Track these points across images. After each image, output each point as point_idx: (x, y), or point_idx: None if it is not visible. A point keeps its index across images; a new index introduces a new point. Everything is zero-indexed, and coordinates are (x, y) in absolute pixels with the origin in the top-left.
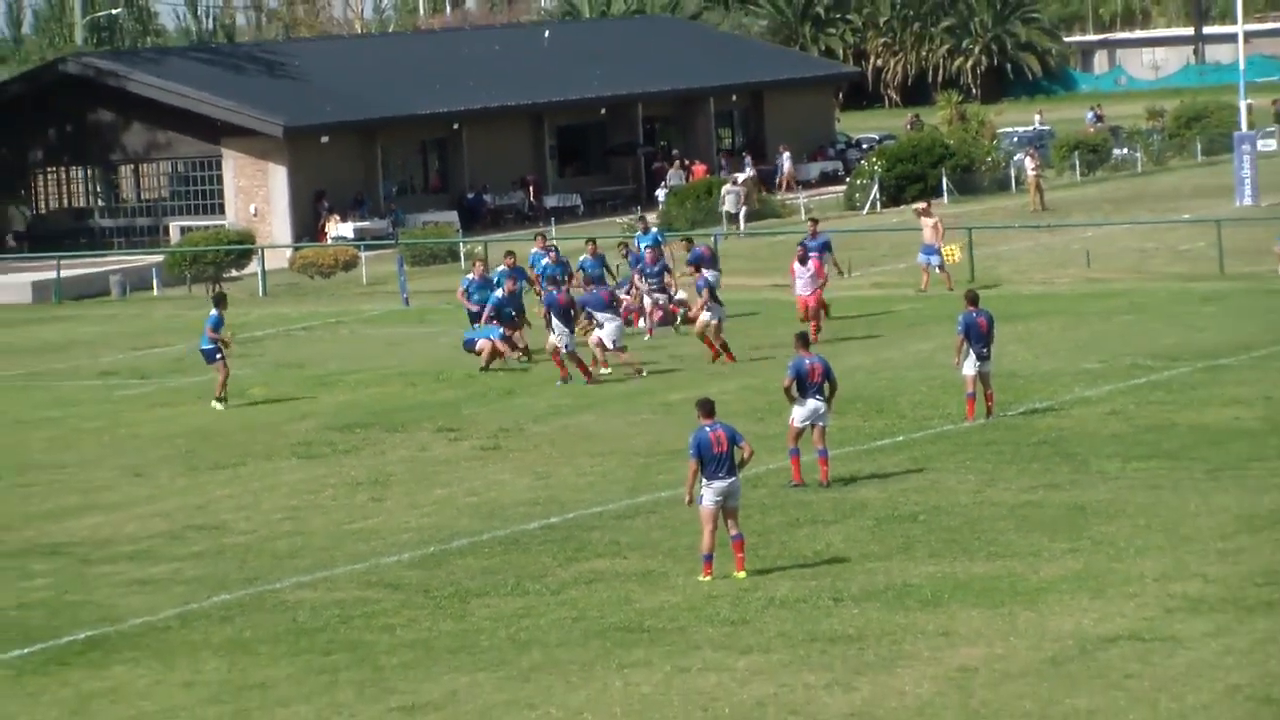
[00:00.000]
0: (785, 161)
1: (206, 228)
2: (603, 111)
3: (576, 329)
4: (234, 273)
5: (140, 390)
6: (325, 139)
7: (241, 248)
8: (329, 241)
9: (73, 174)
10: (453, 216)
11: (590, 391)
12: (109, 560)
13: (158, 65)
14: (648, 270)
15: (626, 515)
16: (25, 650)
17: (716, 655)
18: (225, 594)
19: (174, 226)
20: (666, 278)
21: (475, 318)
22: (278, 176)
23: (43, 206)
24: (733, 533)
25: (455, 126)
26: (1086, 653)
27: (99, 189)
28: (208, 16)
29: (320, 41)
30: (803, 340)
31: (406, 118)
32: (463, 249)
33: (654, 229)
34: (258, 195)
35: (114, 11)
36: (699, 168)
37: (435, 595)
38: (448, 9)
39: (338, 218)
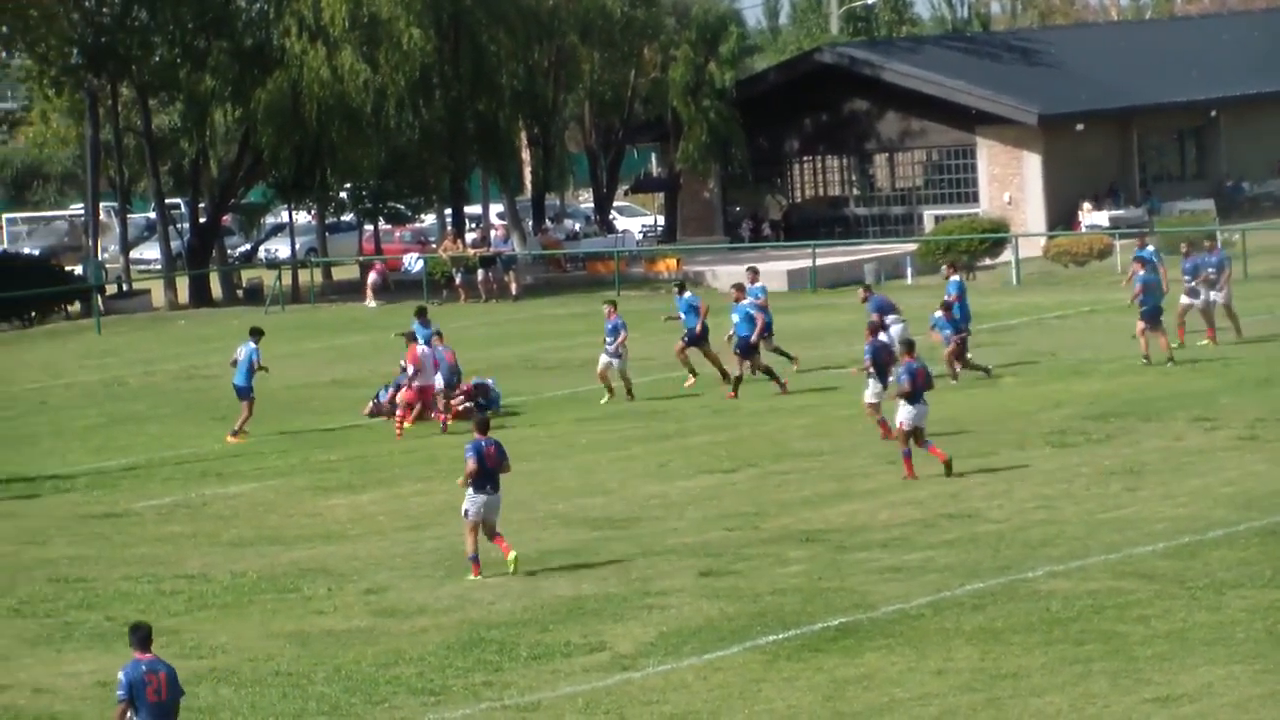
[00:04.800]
0: None
1: (960, 216)
2: None
3: None
4: (987, 261)
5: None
6: (1080, 127)
7: (995, 236)
8: (1083, 230)
9: (828, 162)
10: (1209, 205)
11: None
12: (863, 547)
13: (913, 54)
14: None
15: None
16: (780, 635)
17: None
18: (978, 582)
19: (927, 215)
20: None
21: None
22: (1031, 165)
23: (798, 195)
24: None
25: (1213, 114)
26: None
27: (853, 178)
28: (962, 5)
29: (1076, 29)
30: (908, 347)
31: (1163, 105)
32: (1219, 237)
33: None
34: (1011, 183)
35: (869, 2)
36: None
37: (1190, 586)
38: None
39: (1089, 205)
